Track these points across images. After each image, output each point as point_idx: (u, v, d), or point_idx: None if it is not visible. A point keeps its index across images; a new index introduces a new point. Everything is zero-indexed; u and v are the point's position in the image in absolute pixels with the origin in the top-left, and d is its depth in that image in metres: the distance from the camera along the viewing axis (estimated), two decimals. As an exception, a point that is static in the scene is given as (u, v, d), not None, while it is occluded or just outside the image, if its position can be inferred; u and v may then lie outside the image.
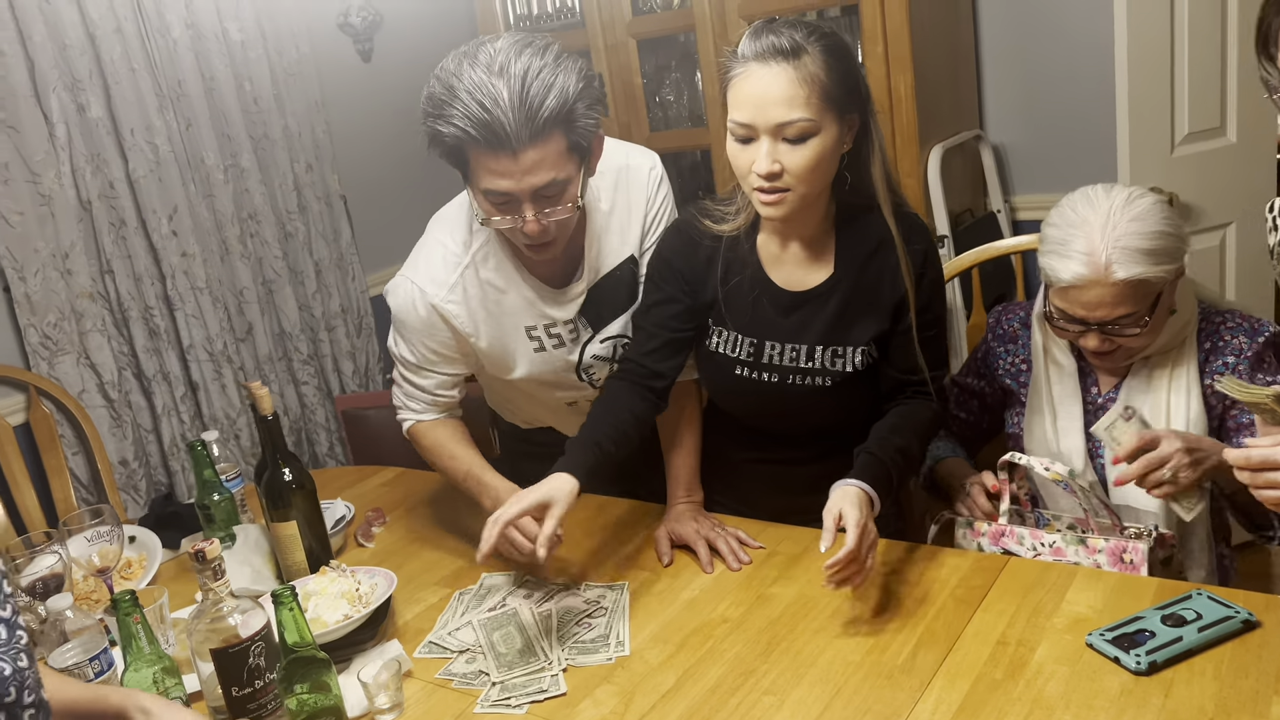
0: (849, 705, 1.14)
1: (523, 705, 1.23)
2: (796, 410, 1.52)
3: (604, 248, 1.55)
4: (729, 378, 1.53)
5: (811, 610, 1.34)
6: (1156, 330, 1.43)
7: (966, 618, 1.27)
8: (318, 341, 2.94)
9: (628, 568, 1.53)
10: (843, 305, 1.46)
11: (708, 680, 1.23)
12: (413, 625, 1.46)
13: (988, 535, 1.50)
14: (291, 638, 1.15)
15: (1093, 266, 1.34)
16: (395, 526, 1.80)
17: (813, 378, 1.49)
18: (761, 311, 1.49)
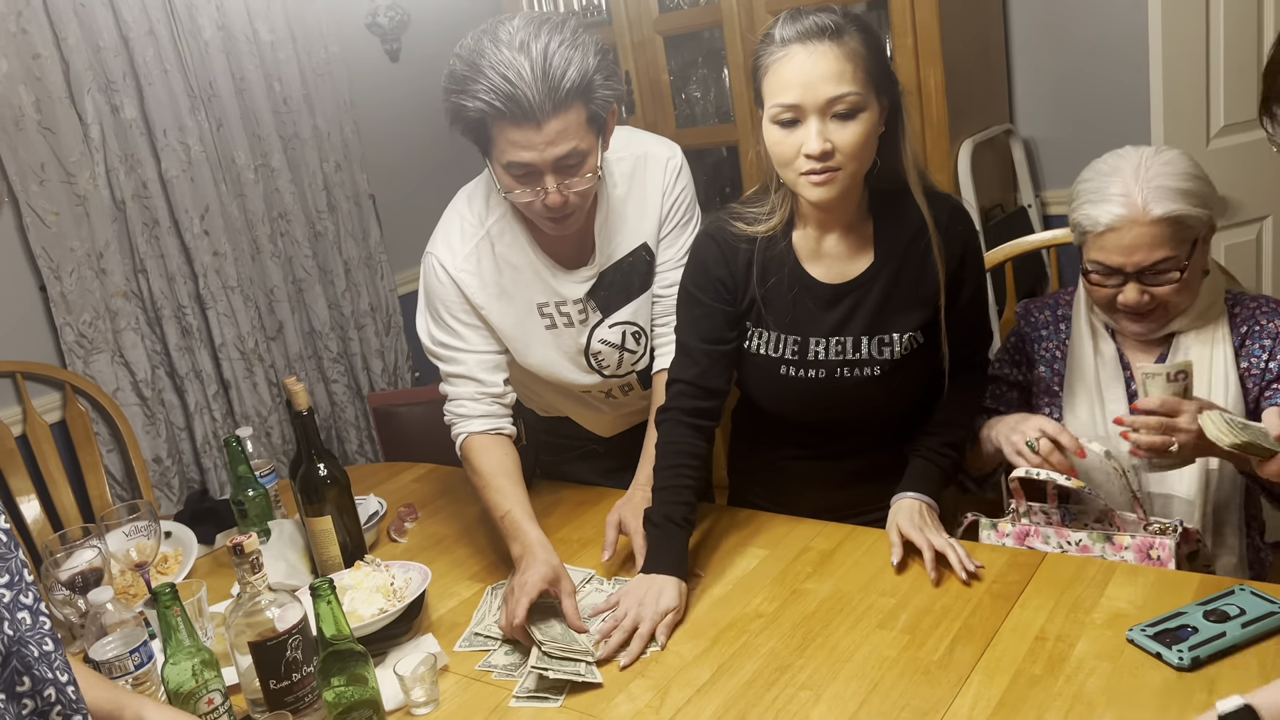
0: (886, 700, 1.14)
1: (559, 698, 1.24)
2: (845, 403, 1.51)
3: (616, 232, 1.57)
4: (774, 378, 1.51)
5: (846, 606, 1.34)
6: (1192, 288, 1.43)
7: (1004, 613, 1.26)
8: (347, 340, 2.96)
9: None
10: (886, 293, 1.46)
11: (743, 674, 1.23)
12: (447, 619, 1.46)
13: (1012, 536, 1.49)
14: (329, 630, 1.16)
15: (1130, 206, 1.36)
16: (427, 522, 1.81)
17: (861, 368, 1.48)
18: (803, 308, 1.48)
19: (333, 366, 2.92)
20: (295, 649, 1.21)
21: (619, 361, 1.65)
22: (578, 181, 1.39)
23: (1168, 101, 2.33)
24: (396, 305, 3.08)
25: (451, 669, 1.34)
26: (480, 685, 1.29)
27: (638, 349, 1.64)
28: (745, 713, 1.16)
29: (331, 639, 1.17)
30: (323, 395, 2.90)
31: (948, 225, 1.45)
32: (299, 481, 1.51)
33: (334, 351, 2.92)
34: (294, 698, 1.23)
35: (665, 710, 1.18)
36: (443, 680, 1.31)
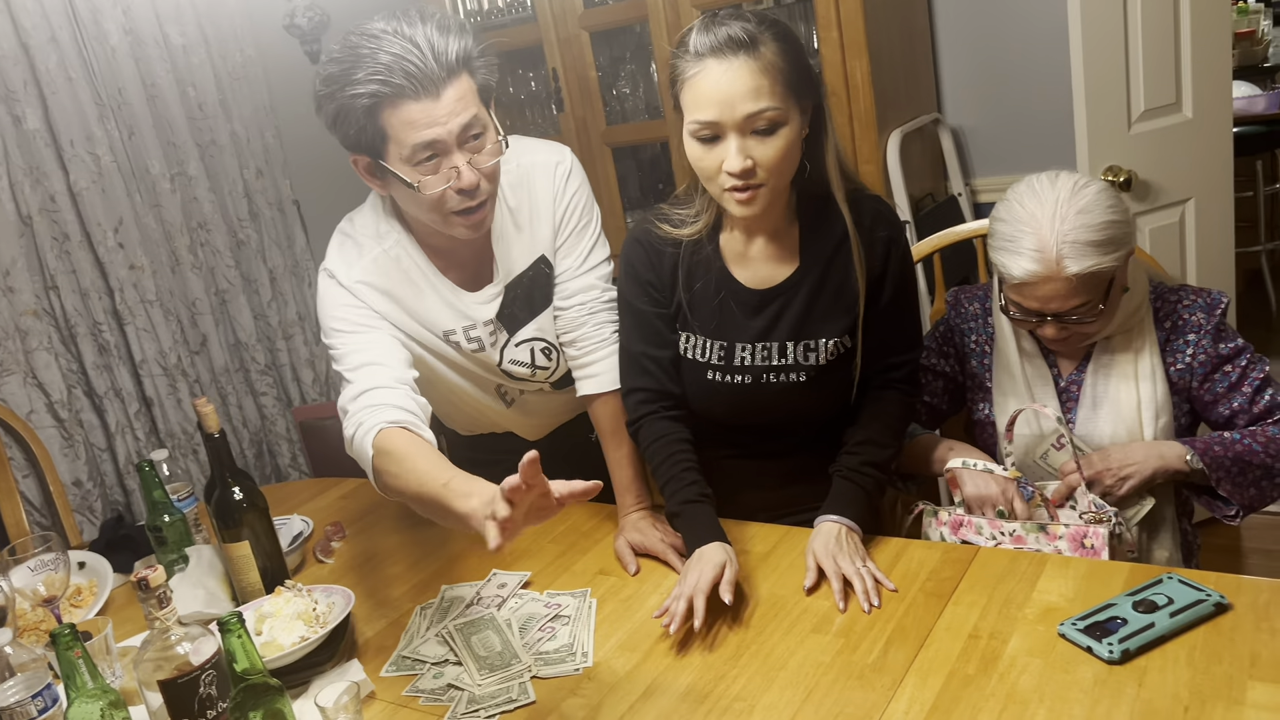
0: (820, 708, 1.12)
1: (492, 719, 1.20)
2: (772, 408, 1.50)
3: (512, 245, 1.53)
4: (701, 383, 1.50)
5: (781, 610, 1.32)
6: (1112, 312, 1.43)
7: (937, 612, 1.25)
8: (275, 351, 2.88)
9: (592, 574, 1.50)
10: (811, 298, 1.44)
11: (677, 688, 1.20)
12: (374, 643, 1.42)
13: (948, 525, 1.49)
14: (241, 665, 1.11)
15: (1044, 263, 1.34)
16: (355, 540, 1.75)
17: (786, 374, 1.47)
18: (729, 314, 1.46)
19: (261, 379, 2.84)
20: (209, 685, 1.15)
21: (530, 377, 1.62)
22: (485, 157, 1.35)
23: (1089, 88, 2.35)
24: (326, 313, 3.00)
25: (378, 695, 1.29)
26: (407, 712, 1.25)
27: (549, 364, 1.61)
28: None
29: (244, 673, 1.11)
30: (252, 409, 2.82)
31: (870, 228, 1.43)
32: (214, 506, 1.45)
33: (261, 363, 2.84)
34: (209, 735, 1.18)
35: (597, 730, 1.15)
36: (368, 709, 1.27)
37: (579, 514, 1.69)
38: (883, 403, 1.50)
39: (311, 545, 1.73)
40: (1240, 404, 1.44)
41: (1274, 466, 1.39)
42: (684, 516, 1.44)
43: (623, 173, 2.93)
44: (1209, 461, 1.37)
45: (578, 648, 1.31)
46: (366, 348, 1.43)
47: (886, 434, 1.47)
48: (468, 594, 1.48)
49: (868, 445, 1.46)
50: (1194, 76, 2.41)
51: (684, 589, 1.32)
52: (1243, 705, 1.01)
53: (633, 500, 1.57)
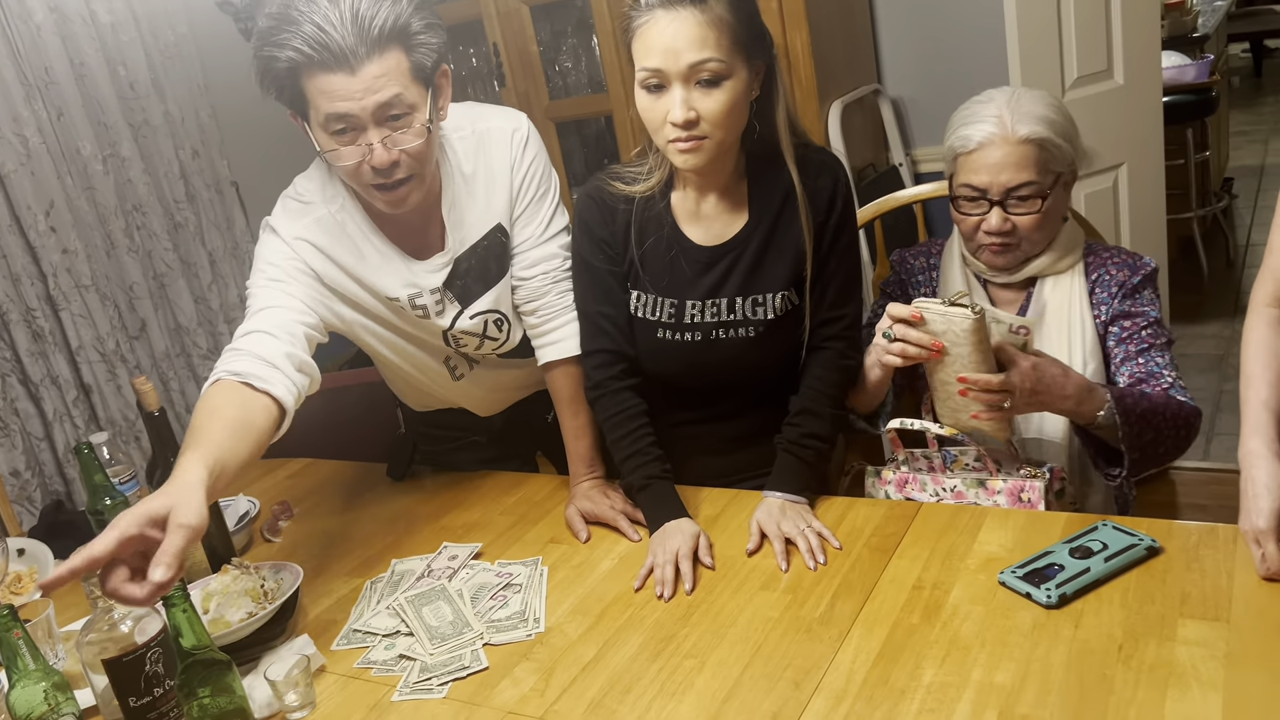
0: (770, 661, 1.14)
1: (444, 686, 1.20)
2: (722, 365, 1.51)
3: (467, 215, 1.50)
4: (652, 341, 1.51)
5: (730, 570, 1.33)
6: (1051, 225, 1.49)
7: (882, 565, 1.28)
8: (217, 335, 2.83)
9: (543, 542, 1.50)
10: (759, 253, 1.46)
11: (628, 649, 1.21)
12: (323, 617, 1.41)
13: (893, 483, 1.52)
14: (187, 641, 1.09)
15: (1000, 125, 1.43)
16: (303, 519, 1.74)
17: (735, 329, 1.48)
18: (679, 271, 1.47)
19: (204, 364, 2.79)
20: (155, 662, 1.14)
21: (478, 348, 1.61)
22: (406, 137, 1.32)
23: (1024, 58, 2.39)
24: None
25: (329, 669, 1.29)
26: (359, 683, 1.25)
27: (499, 335, 1.60)
28: (630, 686, 1.14)
29: (191, 649, 1.10)
30: (195, 395, 2.77)
31: (816, 177, 1.45)
32: (156, 485, 1.43)
33: (204, 348, 2.79)
34: (157, 714, 1.16)
35: (550, 691, 1.16)
36: (319, 681, 1.26)
37: (531, 485, 1.69)
38: (820, 367, 1.50)
39: (259, 525, 1.71)
40: (1121, 358, 1.48)
41: (1164, 431, 1.40)
42: (649, 492, 1.46)
43: (568, 149, 2.92)
44: (1122, 410, 1.37)
45: (529, 614, 1.31)
46: (274, 297, 1.40)
47: (823, 402, 1.48)
48: (418, 567, 1.47)
49: (806, 415, 1.48)
50: (1124, 44, 2.46)
51: (665, 556, 1.34)
52: (1174, 642, 1.05)
53: (585, 469, 1.58)
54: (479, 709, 1.16)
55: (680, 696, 1.11)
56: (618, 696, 1.13)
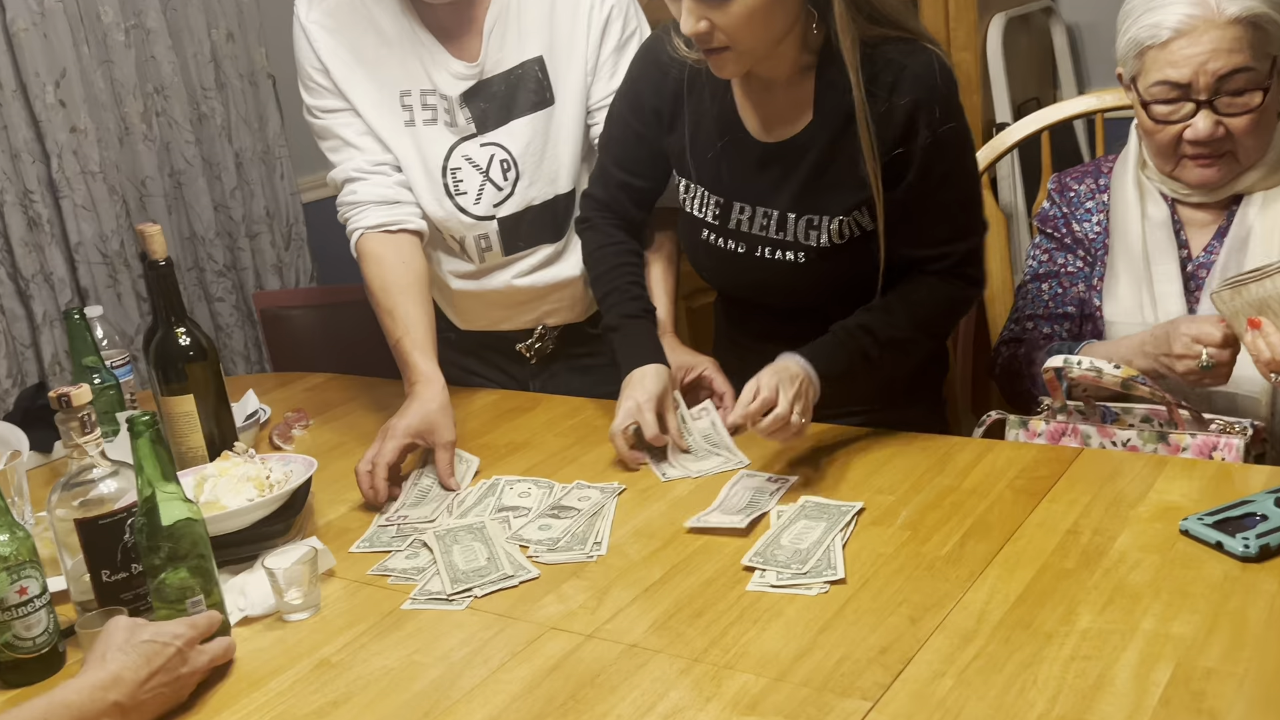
0: (879, 596, 1.10)
1: (465, 597, 1.19)
2: (768, 286, 1.53)
3: (509, 35, 1.61)
4: (697, 242, 1.57)
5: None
6: (1268, 127, 1.42)
7: (1029, 509, 1.23)
8: (236, 250, 2.88)
9: (603, 465, 1.50)
10: (820, 165, 1.44)
11: (700, 574, 1.19)
12: (336, 524, 1.42)
13: (1045, 435, 1.47)
14: (153, 478, 1.10)
15: (1202, 5, 1.37)
16: (321, 429, 1.76)
17: (784, 251, 1.48)
18: (730, 164, 1.49)
19: (218, 281, 2.84)
20: (138, 532, 1.14)
21: (478, 191, 1.66)
22: None
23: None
24: (299, 212, 3.00)
25: (339, 574, 1.29)
26: (372, 589, 1.24)
27: (504, 185, 1.66)
28: (702, 610, 1.11)
29: (155, 499, 1.09)
30: (205, 315, 2.81)
31: (891, 93, 1.37)
32: (154, 352, 1.45)
33: (220, 263, 2.84)
34: (133, 594, 1.16)
35: (602, 611, 1.14)
36: (327, 586, 1.25)
37: (593, 410, 1.69)
38: (912, 286, 1.47)
39: (269, 430, 1.73)
40: None
41: None
42: (622, 332, 1.51)
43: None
44: None
45: (591, 537, 1.30)
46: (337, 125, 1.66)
47: (903, 310, 1.45)
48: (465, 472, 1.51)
49: (875, 312, 1.45)
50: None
51: (619, 416, 1.44)
52: None
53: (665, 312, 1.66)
54: (514, 623, 1.14)
55: (764, 624, 1.07)
56: (685, 619, 1.10)
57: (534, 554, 1.27)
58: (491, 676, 1.05)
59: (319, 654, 1.12)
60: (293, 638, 1.16)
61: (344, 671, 1.09)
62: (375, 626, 1.16)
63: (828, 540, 1.20)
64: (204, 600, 1.13)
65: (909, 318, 1.46)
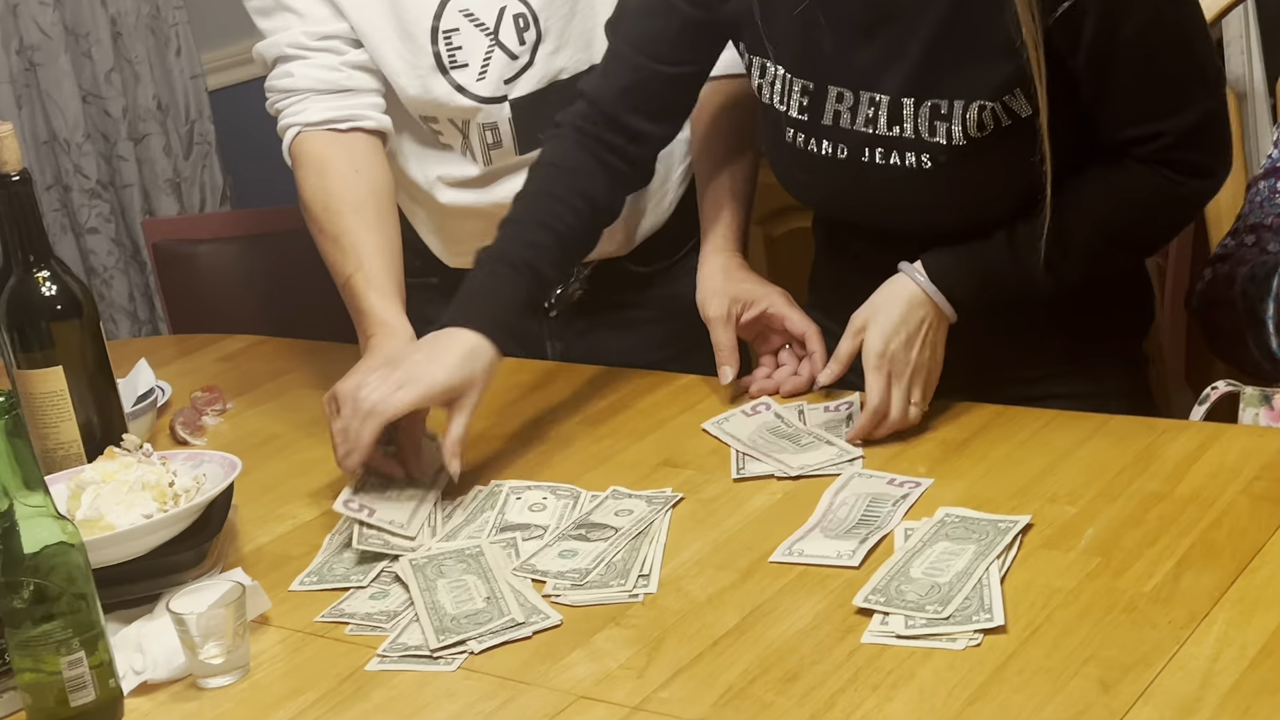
0: (1054, 653, 1.11)
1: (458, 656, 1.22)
2: (883, 205, 1.56)
3: None
4: (779, 144, 1.61)
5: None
6: None
7: (1274, 525, 1.25)
8: (115, 160, 2.92)
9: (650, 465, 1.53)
10: (944, 29, 1.46)
11: (793, 621, 1.20)
12: (270, 551, 1.45)
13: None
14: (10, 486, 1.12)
15: None
16: (246, 414, 1.80)
17: (902, 153, 1.51)
18: (818, 34, 1.51)
19: (89, 205, 2.89)
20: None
21: (483, 62, 1.70)
22: None
23: None
24: (204, 105, 3.03)
25: (275, 621, 1.32)
26: (323, 643, 1.27)
27: (519, 51, 1.71)
28: (794, 675, 1.13)
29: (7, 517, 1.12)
30: (71, 253, 2.86)
31: None
32: (5, 304, 1.48)
33: (91, 180, 2.88)
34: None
35: (653, 674, 1.16)
36: (259, 639, 1.28)
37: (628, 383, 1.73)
38: (1105, 169, 1.49)
39: (169, 418, 1.77)
40: None
41: None
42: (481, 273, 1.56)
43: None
44: None
45: (634, 567, 1.32)
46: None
47: (1089, 201, 1.47)
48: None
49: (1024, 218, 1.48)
50: None
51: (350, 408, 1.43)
52: None
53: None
54: (527, 689, 1.16)
55: (888, 692, 1.09)
56: (773, 686, 1.12)
57: (553, 592, 1.29)
58: (497, 767, 1.07)
59: (250, 735, 1.15)
60: (211, 712, 1.19)
61: (286, 761, 1.12)
62: (329, 695, 1.18)
63: (979, 571, 1.21)
64: (84, 660, 1.16)
65: (1093, 216, 1.48)
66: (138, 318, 2.93)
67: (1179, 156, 1.47)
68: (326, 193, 1.63)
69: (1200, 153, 1.49)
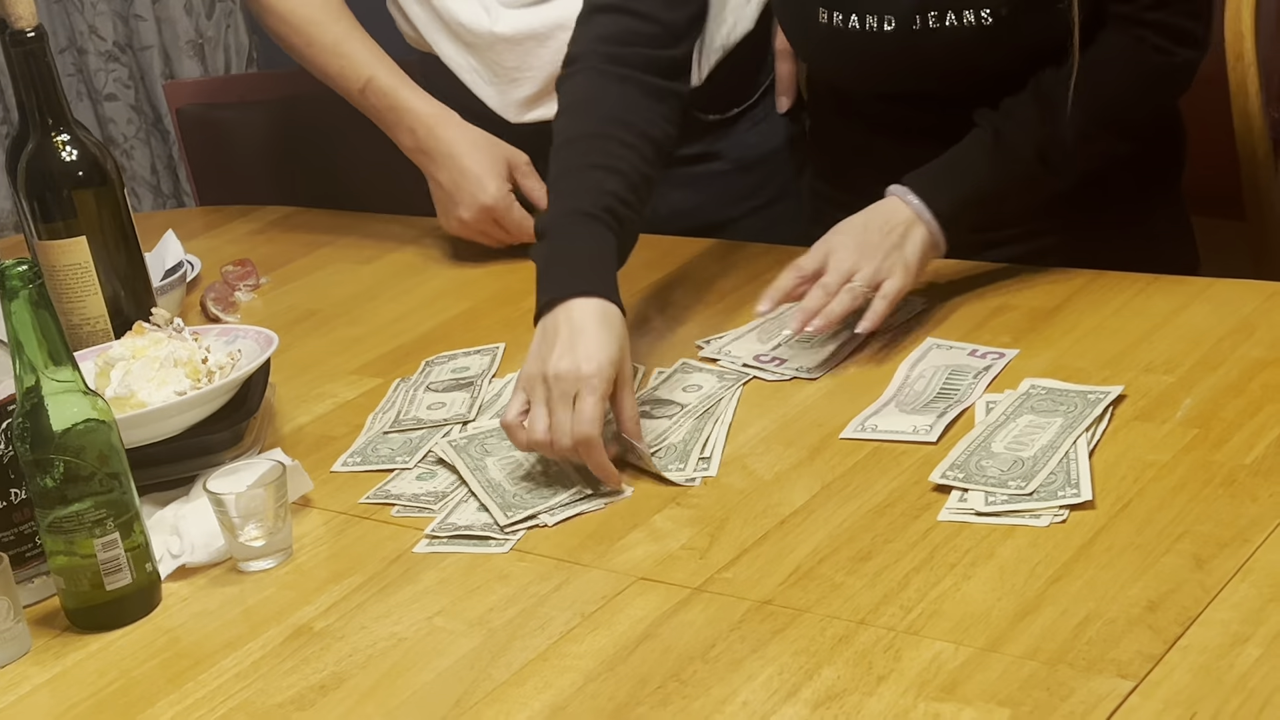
0: (1145, 529, 1.13)
1: (510, 537, 1.25)
2: (940, 72, 1.57)
3: None
4: (810, 27, 1.61)
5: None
6: None
7: None
8: (133, 18, 2.93)
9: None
10: None
11: (866, 499, 1.23)
12: (311, 431, 1.49)
13: None
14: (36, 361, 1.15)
15: None
16: (280, 291, 1.83)
17: (958, 12, 1.52)
18: None
19: (106, 70, 2.91)
20: (23, 439, 1.20)
21: None
22: None
23: None
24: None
25: (318, 503, 1.35)
26: (368, 525, 1.31)
27: None
28: (867, 555, 1.15)
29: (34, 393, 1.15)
30: (88, 120, 2.89)
31: None
32: (23, 173, 1.51)
33: (108, 41, 2.90)
34: (13, 534, 1.23)
35: (716, 554, 1.19)
36: (301, 521, 1.32)
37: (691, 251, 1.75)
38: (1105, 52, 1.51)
39: (199, 294, 1.80)
40: None
41: None
42: (555, 237, 1.46)
43: None
44: None
45: (695, 448, 1.35)
46: None
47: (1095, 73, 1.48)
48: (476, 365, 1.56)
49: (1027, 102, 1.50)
50: None
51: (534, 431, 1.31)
52: None
53: None
54: (584, 571, 1.19)
55: (966, 571, 1.11)
56: (844, 565, 1.15)
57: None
58: (553, 649, 1.09)
59: (294, 619, 1.19)
60: (254, 596, 1.23)
61: (332, 644, 1.15)
62: (376, 578, 1.22)
63: (1065, 445, 1.23)
64: (119, 542, 1.19)
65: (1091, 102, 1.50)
66: (161, 190, 2.96)
67: (1171, 20, 1.49)
68: (306, 4, 1.72)
69: (1189, 17, 1.51)
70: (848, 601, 1.09)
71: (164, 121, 2.91)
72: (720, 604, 1.12)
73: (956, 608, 1.06)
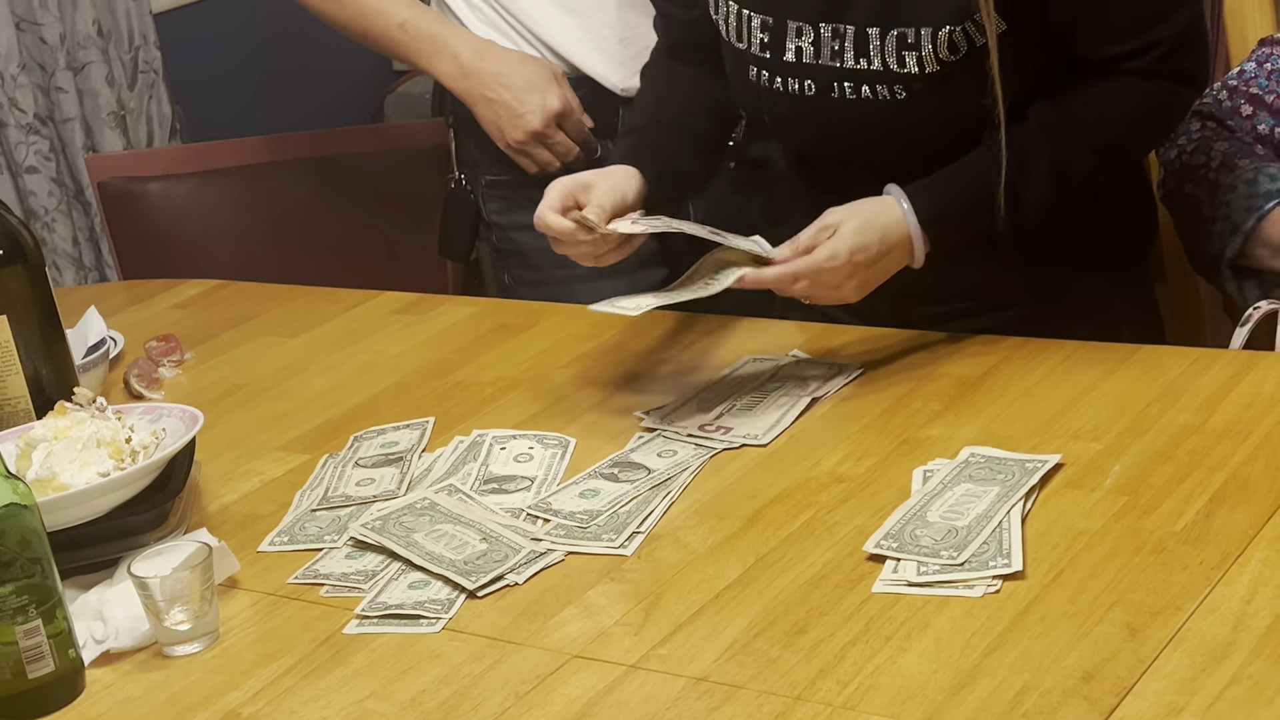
0: (1078, 599, 1.13)
1: (443, 615, 1.24)
2: (851, 140, 1.62)
3: None
4: (743, 83, 1.66)
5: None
6: None
7: None
8: (54, 91, 2.92)
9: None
10: None
11: (801, 570, 1.23)
12: (237, 510, 1.48)
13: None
14: None
15: None
16: (206, 365, 1.82)
17: (872, 86, 1.55)
18: None
19: (26, 142, 2.89)
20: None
21: None
22: None
23: None
24: (150, 28, 3.02)
25: (245, 584, 1.34)
26: (297, 606, 1.30)
27: None
28: (802, 628, 1.15)
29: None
30: (8, 193, 2.87)
31: None
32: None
33: (28, 113, 2.88)
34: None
35: (651, 630, 1.18)
36: (228, 603, 1.31)
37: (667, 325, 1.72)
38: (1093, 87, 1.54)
39: (122, 370, 1.79)
40: None
41: None
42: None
43: None
44: None
45: (630, 516, 1.35)
46: None
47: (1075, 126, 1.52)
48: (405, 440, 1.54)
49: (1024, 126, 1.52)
50: None
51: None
52: None
53: None
54: (517, 650, 1.18)
55: (902, 643, 1.11)
56: (780, 639, 1.14)
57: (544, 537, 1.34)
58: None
59: (222, 704, 1.17)
60: (180, 682, 1.21)
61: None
62: (305, 660, 1.21)
63: (999, 514, 1.24)
64: (42, 628, 1.18)
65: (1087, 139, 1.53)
66: (83, 264, 2.93)
67: (1175, 65, 1.52)
68: None
69: (1192, 59, 1.53)
70: (784, 677, 1.09)
71: (85, 194, 2.89)
72: (656, 681, 1.11)
73: (893, 681, 1.06)
